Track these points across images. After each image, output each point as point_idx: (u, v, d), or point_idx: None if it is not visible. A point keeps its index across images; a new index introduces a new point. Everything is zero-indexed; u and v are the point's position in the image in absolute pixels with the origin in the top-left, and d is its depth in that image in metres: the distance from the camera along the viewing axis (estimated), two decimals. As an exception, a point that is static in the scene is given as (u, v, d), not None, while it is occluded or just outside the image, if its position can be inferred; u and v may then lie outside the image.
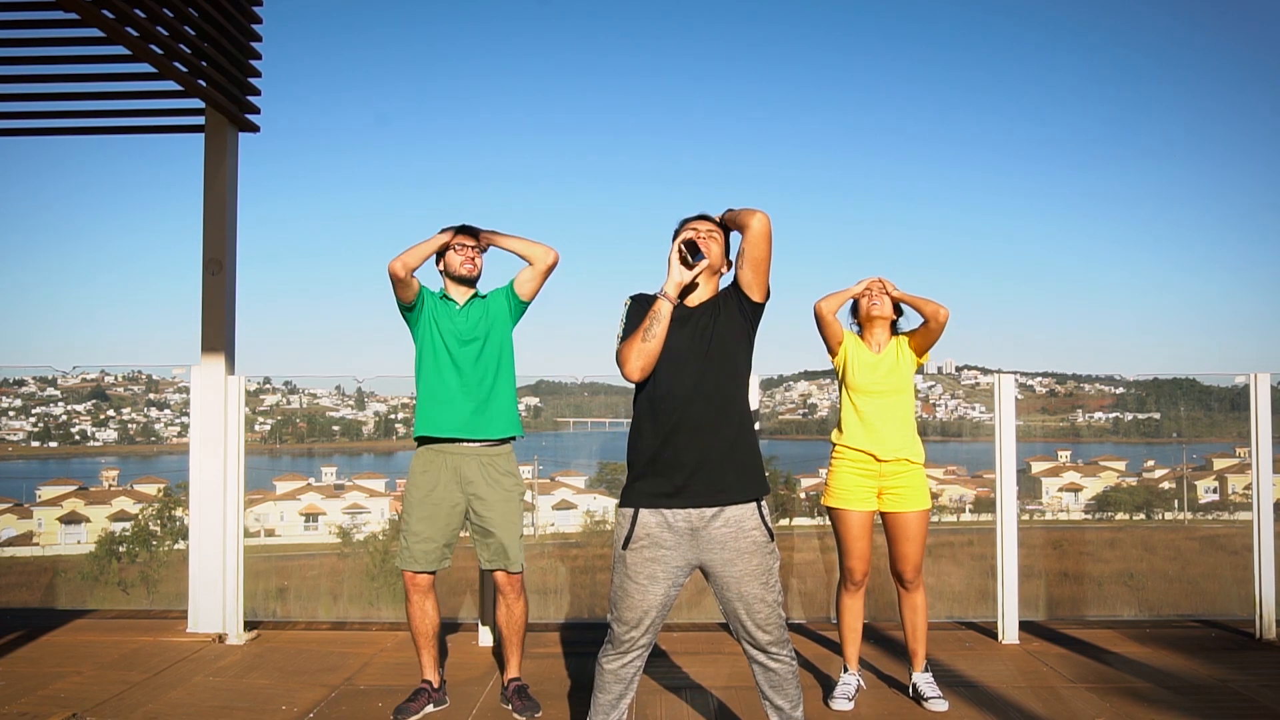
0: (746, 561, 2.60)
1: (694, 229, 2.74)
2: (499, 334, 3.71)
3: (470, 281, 3.71)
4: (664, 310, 2.58)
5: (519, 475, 3.72)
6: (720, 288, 2.79)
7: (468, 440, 3.59)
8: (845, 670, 3.73)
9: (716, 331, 2.65)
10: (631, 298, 2.78)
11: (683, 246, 2.62)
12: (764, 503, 2.67)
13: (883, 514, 3.67)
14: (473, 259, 3.69)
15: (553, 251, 3.66)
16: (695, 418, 2.60)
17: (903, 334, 3.76)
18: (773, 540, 2.65)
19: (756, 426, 4.76)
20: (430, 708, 3.60)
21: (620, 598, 2.64)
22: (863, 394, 3.65)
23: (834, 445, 3.74)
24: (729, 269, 2.79)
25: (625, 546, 2.62)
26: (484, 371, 3.64)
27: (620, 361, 2.62)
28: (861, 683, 3.76)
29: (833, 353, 3.78)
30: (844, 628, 3.74)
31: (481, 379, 3.63)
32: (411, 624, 3.64)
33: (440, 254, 3.70)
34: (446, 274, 3.73)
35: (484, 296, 3.77)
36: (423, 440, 3.64)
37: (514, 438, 3.72)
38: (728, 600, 2.64)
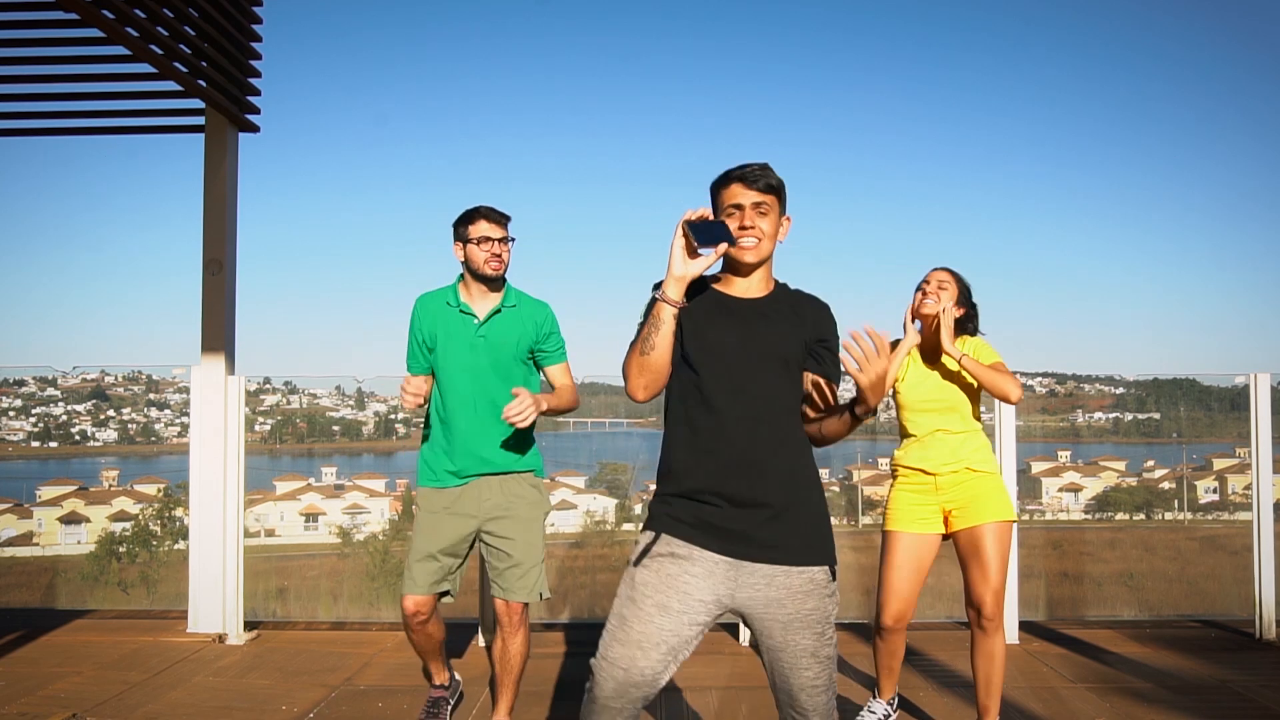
0: (799, 603, 2.04)
1: (731, 207, 2.08)
2: (524, 365, 3.18)
3: (497, 282, 3.12)
4: (664, 315, 2.01)
5: (540, 496, 3.21)
6: (781, 283, 2.21)
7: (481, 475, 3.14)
8: (875, 696, 3.36)
9: (778, 332, 2.10)
10: (655, 287, 2.11)
11: (686, 229, 1.97)
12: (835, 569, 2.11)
13: (954, 537, 3.15)
14: (499, 254, 3.05)
15: (576, 404, 3.26)
16: (742, 441, 2.05)
17: (970, 340, 3.22)
18: (834, 580, 2.11)
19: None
20: (451, 707, 3.45)
21: (613, 629, 2.06)
22: (913, 410, 3.22)
23: (893, 465, 3.31)
24: (780, 239, 2.15)
25: (638, 562, 2.08)
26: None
27: (624, 376, 2.09)
28: (890, 711, 3.36)
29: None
30: (880, 665, 3.31)
31: (507, 425, 3.00)
32: (416, 646, 3.29)
33: (462, 239, 3.08)
34: (467, 269, 3.11)
35: (514, 305, 3.15)
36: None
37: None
38: (768, 652, 2.11)
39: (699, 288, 2.14)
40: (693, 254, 1.98)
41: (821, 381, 2.10)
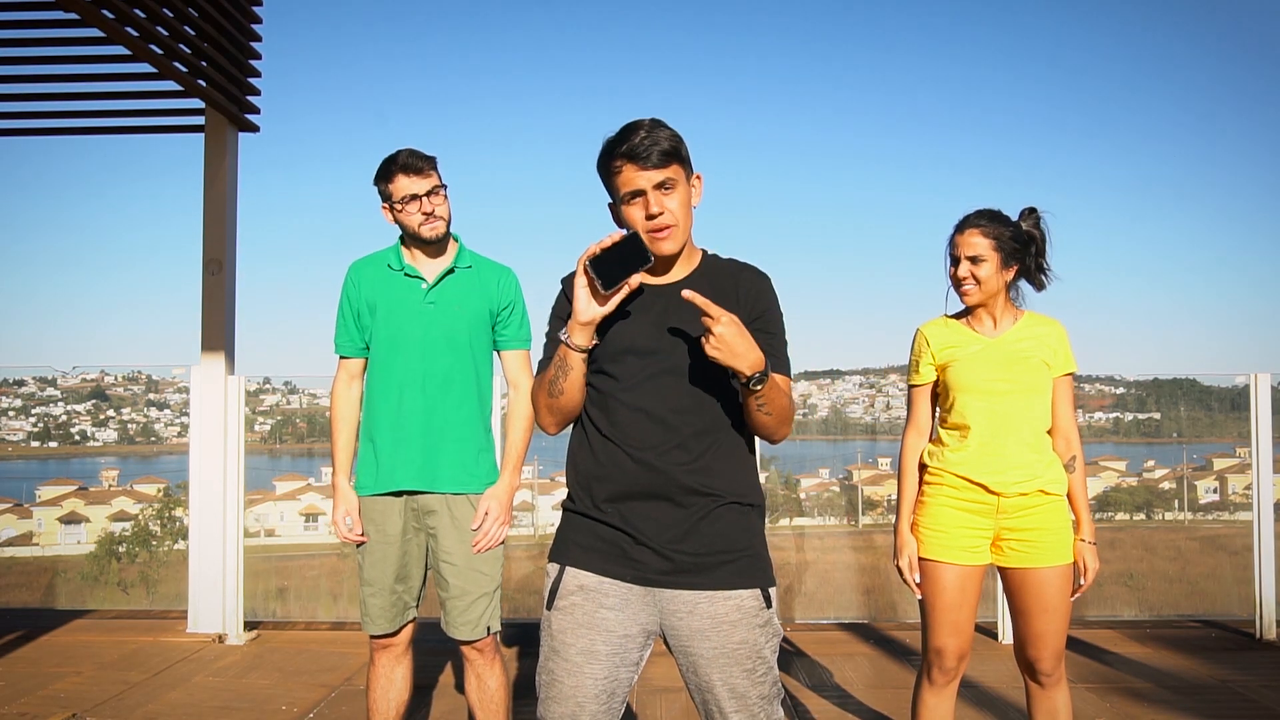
0: (724, 635, 1.76)
1: (629, 196, 1.75)
2: (484, 341, 2.66)
3: (440, 244, 2.62)
4: (571, 361, 1.77)
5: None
6: (710, 255, 1.89)
7: (426, 493, 2.59)
8: None
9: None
10: (565, 282, 1.87)
11: (588, 269, 1.69)
12: (772, 591, 1.83)
13: (1004, 573, 2.49)
14: (432, 212, 2.55)
15: (532, 424, 2.59)
16: (661, 446, 1.76)
17: (1037, 317, 2.50)
18: (770, 608, 1.81)
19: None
20: None
21: (545, 685, 1.83)
22: (972, 393, 2.43)
23: (925, 467, 2.55)
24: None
25: (551, 605, 1.84)
26: (460, 398, 2.60)
27: (533, 405, 1.89)
28: None
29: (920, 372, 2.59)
30: None
31: (456, 408, 2.59)
32: (369, 694, 2.70)
33: (387, 200, 2.58)
34: (404, 233, 2.63)
35: (469, 266, 2.65)
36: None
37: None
38: (693, 689, 1.83)
39: None
40: (598, 296, 1.71)
41: None
